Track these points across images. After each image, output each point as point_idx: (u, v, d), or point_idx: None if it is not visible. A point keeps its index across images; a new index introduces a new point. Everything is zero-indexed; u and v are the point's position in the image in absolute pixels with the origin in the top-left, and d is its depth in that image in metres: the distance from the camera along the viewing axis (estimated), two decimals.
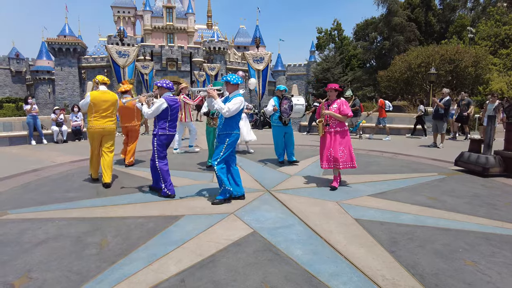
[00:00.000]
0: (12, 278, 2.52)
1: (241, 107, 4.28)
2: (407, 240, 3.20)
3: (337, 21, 52.85)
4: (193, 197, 4.66)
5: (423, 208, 4.18)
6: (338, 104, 5.00)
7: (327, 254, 2.92)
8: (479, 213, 4.01)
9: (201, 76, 32.90)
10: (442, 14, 39.03)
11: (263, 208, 4.17)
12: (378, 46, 40.12)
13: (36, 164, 7.03)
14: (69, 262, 2.77)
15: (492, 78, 21.72)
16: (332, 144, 5.03)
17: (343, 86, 5.10)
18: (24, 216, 3.89)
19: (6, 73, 56.57)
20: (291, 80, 61.94)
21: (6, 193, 4.89)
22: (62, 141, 10.95)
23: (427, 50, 22.66)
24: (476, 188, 5.21)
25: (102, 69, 47.85)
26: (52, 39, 47.31)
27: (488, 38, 26.41)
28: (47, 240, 3.20)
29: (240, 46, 63.08)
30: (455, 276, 2.55)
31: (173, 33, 56.86)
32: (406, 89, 23.61)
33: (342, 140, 5.02)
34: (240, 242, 3.16)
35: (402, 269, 2.66)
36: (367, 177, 5.84)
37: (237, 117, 4.37)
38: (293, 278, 2.52)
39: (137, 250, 2.99)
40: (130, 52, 14.47)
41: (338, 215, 3.92)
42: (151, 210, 4.09)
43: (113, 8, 58.19)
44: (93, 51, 54.59)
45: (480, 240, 3.21)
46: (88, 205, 4.30)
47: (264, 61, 15.17)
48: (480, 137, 9.51)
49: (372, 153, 8.56)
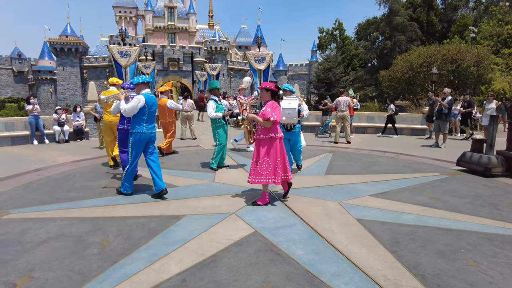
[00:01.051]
0: (14, 278, 2.53)
1: (137, 105, 4.40)
2: (408, 240, 3.19)
3: (338, 21, 52.79)
4: (194, 197, 4.66)
5: (424, 208, 4.17)
6: (265, 107, 4.21)
7: (329, 254, 2.91)
8: (481, 213, 3.99)
9: (203, 76, 32.88)
10: (444, 13, 38.91)
11: (264, 208, 4.17)
12: (379, 46, 40.03)
13: (38, 164, 7.05)
14: (71, 261, 2.78)
15: (494, 78, 21.64)
16: (255, 154, 4.27)
17: (279, 86, 4.43)
18: (26, 215, 3.90)
19: (8, 73, 56.79)
20: (293, 80, 61.93)
21: (8, 192, 4.90)
22: (64, 141, 10.98)
23: (429, 50, 22.58)
24: (478, 188, 5.20)
25: (103, 69, 47.96)
26: (54, 39, 47.41)
27: (490, 37, 26.33)
28: (49, 240, 3.20)
29: (241, 46, 63.10)
30: (457, 277, 2.55)
31: (174, 33, 56.93)
32: (408, 89, 23.54)
33: (263, 149, 4.17)
34: (241, 242, 3.16)
35: (404, 269, 2.65)
36: (368, 177, 5.83)
37: (139, 116, 4.52)
38: (294, 278, 2.52)
39: (139, 250, 2.99)
40: (131, 52, 14.48)
41: (340, 215, 3.92)
42: (152, 210, 4.09)
43: (114, 8, 58.29)
44: (94, 51, 54.68)
45: (482, 241, 3.20)
46: (90, 205, 4.31)
47: (265, 61, 15.14)
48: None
49: (373, 153, 8.55)
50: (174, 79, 49.28)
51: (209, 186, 5.27)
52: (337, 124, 10.98)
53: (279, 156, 4.19)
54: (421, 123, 13.61)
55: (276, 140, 4.18)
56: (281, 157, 4.22)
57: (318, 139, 11.85)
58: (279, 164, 4.18)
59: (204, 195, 4.72)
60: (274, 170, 4.14)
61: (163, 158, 7.80)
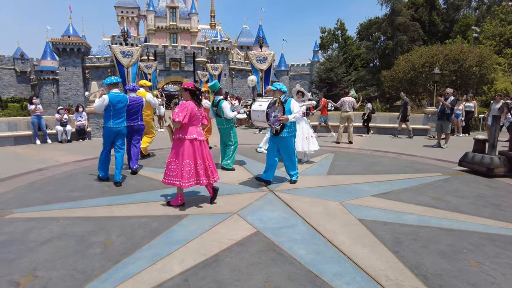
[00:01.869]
0: (18, 277, 2.54)
1: (102, 104, 5.17)
2: (410, 241, 3.19)
3: (340, 21, 52.68)
4: (196, 197, 4.67)
5: (427, 208, 4.16)
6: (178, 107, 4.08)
7: (331, 254, 2.92)
8: (483, 214, 3.99)
9: (204, 76, 32.89)
10: (446, 13, 38.78)
11: (266, 208, 4.18)
12: (381, 46, 39.92)
13: (40, 163, 7.08)
14: (74, 261, 2.79)
15: (497, 78, 21.57)
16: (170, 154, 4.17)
17: (198, 86, 4.20)
18: (29, 215, 3.93)
19: (11, 73, 57.04)
20: (294, 80, 61.95)
21: (11, 192, 4.93)
22: (66, 140, 11.02)
23: (431, 50, 22.52)
24: (481, 188, 5.19)
25: (105, 69, 48.14)
26: (56, 39, 47.60)
27: (492, 37, 26.23)
28: (52, 239, 3.22)
29: (243, 46, 63.15)
30: (459, 277, 2.54)
31: (176, 33, 57.03)
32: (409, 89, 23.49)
33: (173, 150, 4.08)
34: (243, 242, 3.17)
35: (406, 269, 2.65)
36: (370, 177, 5.83)
37: (106, 112, 5.30)
38: (296, 278, 2.53)
39: (141, 249, 3.00)
40: (133, 52, 14.53)
41: (342, 215, 3.92)
42: (155, 210, 4.10)
43: (116, 8, 58.47)
44: (96, 51, 54.86)
45: (484, 241, 3.19)
46: (92, 205, 4.32)
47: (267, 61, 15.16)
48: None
49: (375, 153, 8.54)
50: (175, 79, 49.39)
51: None
52: (340, 124, 10.97)
53: (199, 159, 4.05)
54: (423, 123, 13.59)
55: (185, 142, 3.99)
56: (201, 160, 4.08)
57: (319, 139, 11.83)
58: (199, 166, 4.05)
59: (206, 195, 4.73)
60: (197, 172, 4.05)
61: (164, 158, 7.82)
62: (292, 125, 5.26)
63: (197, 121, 4.13)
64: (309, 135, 7.09)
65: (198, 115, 4.13)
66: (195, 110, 4.08)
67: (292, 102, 5.20)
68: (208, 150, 4.31)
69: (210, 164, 4.21)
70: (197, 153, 4.07)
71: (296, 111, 5.13)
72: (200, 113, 4.18)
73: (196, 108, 4.10)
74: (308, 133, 7.08)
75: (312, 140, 7.10)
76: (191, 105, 4.03)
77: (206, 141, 8.30)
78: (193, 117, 4.05)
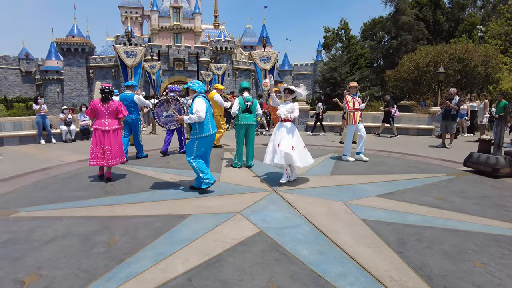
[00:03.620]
0: (22, 275, 2.56)
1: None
2: (415, 241, 3.17)
3: (344, 21, 52.49)
4: (200, 196, 4.67)
5: (431, 208, 4.13)
6: None
7: (334, 254, 2.91)
8: (488, 214, 3.95)
9: (208, 76, 32.98)
10: (451, 12, 38.53)
11: (269, 208, 4.17)
12: (385, 46, 39.77)
13: (45, 163, 7.13)
14: (78, 260, 2.80)
15: (502, 77, 21.38)
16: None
17: (108, 88, 5.50)
18: (34, 214, 3.95)
19: (16, 73, 57.43)
20: (298, 79, 61.88)
21: (16, 191, 4.96)
22: (70, 140, 11.09)
23: (435, 49, 22.38)
24: (486, 189, 5.14)
25: (109, 69, 48.38)
26: (61, 39, 47.89)
27: (498, 36, 26.00)
28: (56, 238, 3.24)
29: (246, 46, 63.16)
30: (464, 278, 2.52)
31: (180, 33, 57.13)
32: (414, 89, 23.37)
33: None
34: (246, 241, 3.17)
35: (410, 270, 2.64)
36: (374, 177, 5.80)
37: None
38: (299, 278, 2.52)
39: (145, 249, 3.01)
40: (137, 52, 14.59)
41: (345, 215, 3.90)
42: (158, 209, 4.11)
43: (120, 9, 58.66)
44: (101, 51, 55.12)
45: (489, 242, 3.16)
46: (96, 204, 4.34)
47: (270, 60, 15.17)
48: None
49: (379, 153, 8.50)
50: (179, 79, 49.47)
51: (214, 186, 5.28)
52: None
53: (98, 144, 5.41)
54: (427, 123, 13.51)
55: (96, 131, 5.42)
56: (100, 145, 5.42)
57: (319, 139, 11.80)
58: (98, 151, 5.41)
59: (210, 195, 4.74)
60: (95, 155, 5.41)
61: (168, 158, 7.85)
62: (198, 126, 4.68)
63: (101, 115, 5.48)
64: (286, 146, 5.18)
65: (102, 110, 5.46)
66: (98, 106, 5.46)
67: (197, 101, 4.64)
68: (114, 138, 5.52)
69: (110, 149, 5.45)
70: (97, 139, 5.41)
71: (195, 112, 4.56)
72: (105, 108, 5.48)
73: (100, 104, 5.47)
74: (286, 144, 5.21)
75: (296, 153, 5.24)
76: (95, 103, 5.48)
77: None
78: (95, 111, 5.47)
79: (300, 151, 5.34)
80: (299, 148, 5.33)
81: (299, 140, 5.41)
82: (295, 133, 5.41)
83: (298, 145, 5.36)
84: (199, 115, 4.53)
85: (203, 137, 4.71)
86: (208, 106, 4.78)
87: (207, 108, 4.71)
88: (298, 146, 5.33)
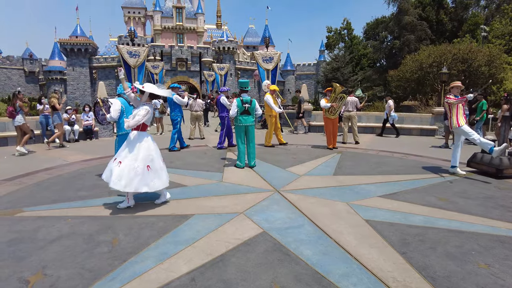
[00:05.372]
0: (27, 274, 2.58)
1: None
2: (418, 242, 3.16)
3: (347, 20, 52.47)
4: (203, 196, 4.68)
5: (434, 209, 4.12)
6: None
7: (337, 255, 2.91)
8: (492, 215, 3.94)
9: (211, 76, 33.07)
10: (454, 12, 38.33)
11: (272, 208, 4.17)
12: (388, 46, 39.64)
13: (48, 162, 7.17)
14: (82, 259, 2.82)
15: (506, 77, 21.29)
16: None
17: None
18: (38, 213, 3.97)
19: (20, 73, 57.78)
20: (300, 79, 61.81)
21: (20, 191, 5.00)
22: (74, 140, 11.13)
23: (439, 49, 22.31)
24: (489, 189, 5.12)
25: (112, 69, 48.52)
26: (64, 40, 48.11)
27: (502, 36, 25.90)
28: (60, 238, 3.26)
29: (249, 46, 63.22)
30: (467, 279, 2.52)
31: (182, 33, 57.26)
32: (417, 89, 23.29)
33: None
34: (249, 242, 3.17)
35: (413, 271, 2.63)
36: (377, 178, 5.79)
37: None
38: (303, 279, 2.52)
39: (148, 248, 3.02)
40: (140, 52, 14.62)
41: (348, 215, 3.90)
42: (161, 209, 4.13)
43: (123, 9, 58.91)
44: (104, 52, 55.33)
45: (493, 243, 3.15)
46: (100, 204, 4.36)
47: (273, 60, 15.14)
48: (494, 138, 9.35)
49: (382, 154, 8.48)
50: (182, 79, 49.60)
51: (217, 186, 5.30)
52: (344, 124, 10.93)
53: None
54: (430, 123, 13.46)
55: None
56: None
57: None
58: None
59: (213, 195, 4.75)
60: None
61: (171, 158, 7.86)
62: (117, 125, 5.41)
63: None
64: (140, 165, 3.97)
65: None
66: None
67: (113, 102, 5.11)
68: None
69: None
70: None
71: (113, 111, 4.87)
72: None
73: None
74: (143, 160, 4.05)
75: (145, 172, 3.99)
76: None
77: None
78: None
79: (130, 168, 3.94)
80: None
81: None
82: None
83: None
84: (110, 115, 5.03)
85: (119, 135, 5.31)
86: (125, 107, 5.17)
87: (122, 109, 5.10)
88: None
